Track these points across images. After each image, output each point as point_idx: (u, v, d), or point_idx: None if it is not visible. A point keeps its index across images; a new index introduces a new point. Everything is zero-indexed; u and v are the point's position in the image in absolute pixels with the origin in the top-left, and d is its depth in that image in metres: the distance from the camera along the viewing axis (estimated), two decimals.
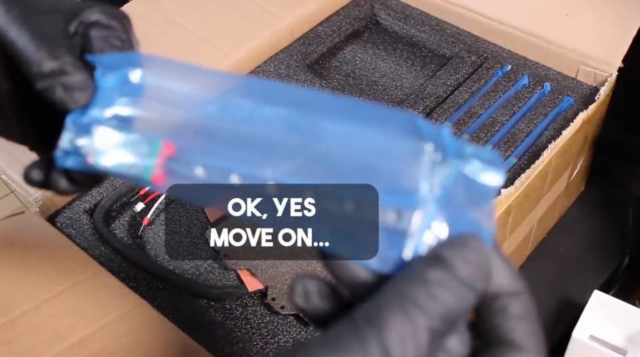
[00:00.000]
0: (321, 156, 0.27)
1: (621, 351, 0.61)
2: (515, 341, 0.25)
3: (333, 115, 0.27)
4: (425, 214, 0.26)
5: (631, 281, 0.73)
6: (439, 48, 0.81)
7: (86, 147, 0.31)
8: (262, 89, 0.29)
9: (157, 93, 0.31)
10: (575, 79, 0.74)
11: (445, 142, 0.27)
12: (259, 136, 0.28)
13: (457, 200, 0.26)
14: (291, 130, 0.28)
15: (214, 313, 0.57)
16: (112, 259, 0.60)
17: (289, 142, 0.28)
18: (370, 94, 0.78)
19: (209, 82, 0.30)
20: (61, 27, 0.35)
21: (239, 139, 0.28)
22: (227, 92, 0.29)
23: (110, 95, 0.32)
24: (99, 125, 0.31)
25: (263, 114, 0.28)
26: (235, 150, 0.28)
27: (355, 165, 0.27)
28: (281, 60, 0.78)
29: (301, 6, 0.82)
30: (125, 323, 0.52)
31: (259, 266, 0.59)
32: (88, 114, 0.32)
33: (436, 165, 0.27)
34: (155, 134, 0.29)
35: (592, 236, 0.76)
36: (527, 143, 0.68)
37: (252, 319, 0.57)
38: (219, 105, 0.29)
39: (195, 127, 0.29)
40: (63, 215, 0.64)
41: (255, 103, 0.28)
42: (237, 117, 0.28)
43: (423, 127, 0.27)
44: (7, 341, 0.50)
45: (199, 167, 0.28)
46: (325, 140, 0.27)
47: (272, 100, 0.28)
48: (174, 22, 0.80)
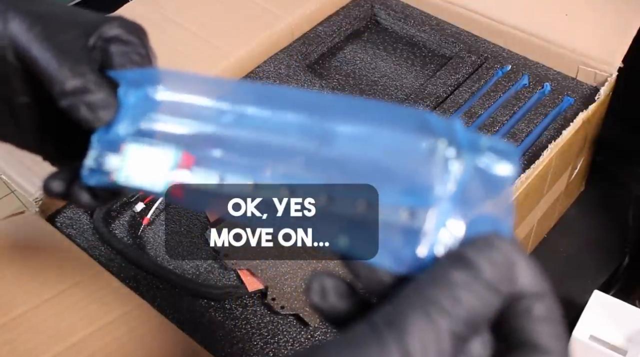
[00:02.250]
0: (335, 159, 0.27)
1: (621, 351, 0.61)
2: (540, 343, 0.24)
3: (344, 117, 0.27)
4: (440, 211, 0.26)
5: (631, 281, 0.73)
6: (439, 48, 0.81)
7: (110, 164, 0.31)
8: (274, 96, 0.29)
9: (175, 107, 0.31)
10: (575, 79, 0.74)
11: (458, 136, 0.26)
12: (275, 144, 0.28)
13: (473, 195, 0.26)
14: (305, 136, 0.28)
15: (214, 313, 0.57)
16: (112, 259, 0.60)
17: (303, 147, 0.28)
18: (370, 94, 0.77)
19: (223, 92, 0.30)
20: (82, 43, 0.35)
21: (255, 147, 0.28)
22: (240, 100, 0.29)
23: (133, 112, 0.32)
24: (122, 142, 0.31)
25: (277, 121, 0.28)
26: (252, 160, 0.28)
27: (369, 166, 0.27)
28: (281, 60, 0.78)
29: (301, 6, 0.82)
30: (125, 323, 0.52)
31: (259, 266, 0.59)
32: (112, 131, 0.32)
33: (450, 160, 0.26)
34: (176, 147, 0.29)
35: (592, 236, 0.76)
36: (527, 143, 0.68)
37: (252, 319, 0.57)
38: (234, 115, 0.29)
39: (212, 138, 0.29)
40: (63, 215, 0.64)
41: (269, 111, 0.29)
42: (252, 126, 0.29)
43: (434, 123, 0.26)
44: (8, 340, 0.50)
45: (217, 178, 0.28)
46: (338, 143, 0.27)
47: (285, 106, 0.28)
48: (174, 22, 0.80)
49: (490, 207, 0.26)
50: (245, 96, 0.29)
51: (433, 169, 0.26)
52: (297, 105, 0.28)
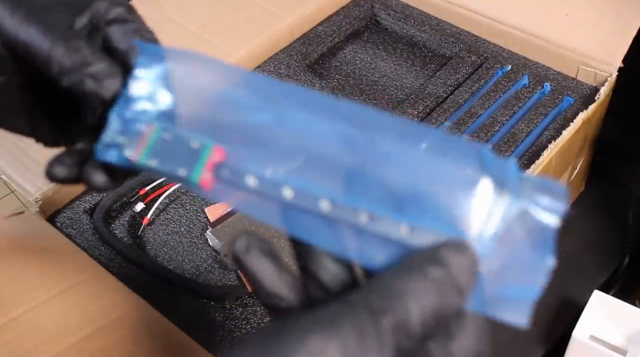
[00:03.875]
0: (377, 177, 0.26)
1: (621, 351, 0.61)
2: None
3: (392, 136, 0.27)
4: (478, 246, 0.25)
5: (631, 281, 0.73)
6: (439, 48, 0.81)
7: (131, 143, 0.29)
8: (318, 102, 0.28)
9: (201, 92, 0.30)
10: (575, 79, 0.74)
11: (509, 176, 0.26)
12: (315, 150, 0.27)
13: (514, 235, 0.26)
14: (348, 148, 0.27)
15: (214, 313, 0.57)
16: (112, 259, 0.60)
17: (345, 159, 0.27)
18: (370, 94, 0.78)
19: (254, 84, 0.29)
20: (70, 21, 0.35)
21: (293, 151, 0.27)
22: (280, 100, 0.28)
23: (153, 88, 0.30)
24: (145, 121, 0.30)
25: (319, 127, 0.27)
26: (288, 162, 0.27)
27: (412, 189, 0.26)
28: (281, 60, 0.78)
29: (301, 6, 0.82)
30: (125, 323, 0.52)
31: None
32: (133, 108, 0.30)
33: (496, 198, 0.26)
34: (206, 136, 0.28)
35: (592, 236, 0.76)
36: (527, 143, 0.68)
37: (252, 319, 0.57)
38: (273, 114, 0.28)
39: (247, 135, 0.28)
40: (63, 215, 0.64)
41: (311, 116, 0.27)
42: (293, 128, 0.28)
43: (488, 159, 0.26)
44: (7, 340, 0.50)
45: (251, 177, 0.27)
46: (382, 161, 0.26)
47: (329, 114, 0.27)
48: (174, 22, 0.80)
49: (530, 250, 0.26)
50: (287, 96, 0.28)
51: (477, 202, 0.26)
52: (343, 114, 0.27)
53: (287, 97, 0.28)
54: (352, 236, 0.26)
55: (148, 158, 0.29)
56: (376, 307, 0.23)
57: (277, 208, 0.27)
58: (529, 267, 0.26)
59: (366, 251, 0.25)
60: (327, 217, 0.26)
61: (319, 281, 0.26)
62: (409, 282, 0.24)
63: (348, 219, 0.26)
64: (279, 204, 0.26)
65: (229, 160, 0.27)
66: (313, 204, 0.26)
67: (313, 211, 0.26)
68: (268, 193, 0.26)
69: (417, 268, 0.24)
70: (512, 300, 0.26)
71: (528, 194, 0.26)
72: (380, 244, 0.25)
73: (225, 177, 0.27)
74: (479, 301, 0.25)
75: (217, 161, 0.27)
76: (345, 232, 0.26)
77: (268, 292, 0.27)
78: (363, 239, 0.26)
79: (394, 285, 0.24)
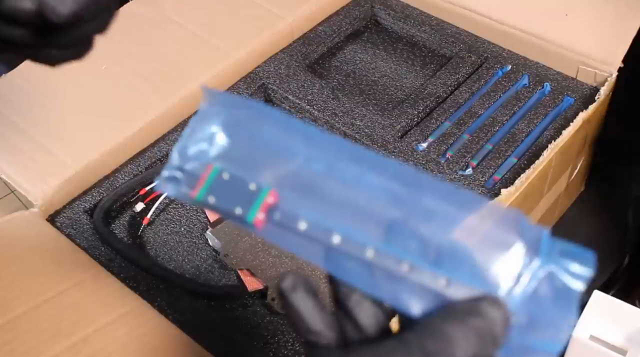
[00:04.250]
0: (419, 231, 0.29)
1: (621, 351, 0.61)
2: None
3: (435, 195, 0.29)
4: (508, 302, 0.28)
5: (631, 281, 0.73)
6: (439, 48, 0.81)
7: (190, 180, 0.31)
8: (368, 159, 0.30)
9: (259, 138, 0.32)
10: (575, 79, 0.74)
11: (541, 242, 0.28)
12: (363, 202, 0.30)
13: (542, 295, 0.28)
14: (394, 203, 0.29)
15: (214, 313, 0.57)
16: (112, 259, 0.60)
17: (390, 213, 0.29)
18: (370, 94, 0.78)
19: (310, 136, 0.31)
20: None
21: (342, 201, 0.30)
22: (333, 153, 0.30)
23: (214, 130, 0.32)
24: (206, 161, 0.32)
25: (368, 181, 0.30)
26: (338, 211, 0.29)
27: (451, 246, 0.28)
28: (281, 60, 0.78)
29: (301, 6, 0.82)
30: (125, 323, 0.52)
31: (259, 266, 0.59)
32: (193, 147, 0.32)
33: (527, 261, 0.28)
34: (263, 181, 0.30)
35: (592, 236, 0.76)
36: (527, 143, 0.68)
37: (252, 319, 0.57)
38: (325, 165, 0.30)
39: (301, 182, 0.30)
40: (63, 215, 0.64)
41: (360, 170, 0.30)
42: (343, 180, 0.30)
43: (524, 225, 0.28)
44: (8, 340, 0.50)
45: (302, 221, 0.29)
46: (424, 216, 0.29)
47: (377, 170, 0.30)
48: (174, 22, 0.80)
49: (555, 310, 0.28)
50: (340, 151, 0.30)
51: (509, 264, 0.28)
52: (389, 172, 0.30)
53: (340, 151, 0.30)
54: (390, 283, 0.28)
55: (206, 195, 0.31)
56: (429, 349, 0.26)
57: (323, 251, 0.29)
58: (554, 324, 0.28)
59: (402, 297, 0.28)
60: (370, 264, 0.28)
61: (355, 320, 0.29)
62: (455, 329, 0.27)
63: (390, 268, 0.28)
64: (325, 248, 0.29)
65: (282, 204, 0.30)
66: (359, 251, 0.29)
67: (358, 257, 0.29)
68: (317, 237, 0.29)
69: (460, 317, 0.27)
70: (536, 352, 0.28)
71: (557, 259, 0.29)
72: (417, 293, 0.28)
73: (276, 219, 0.30)
74: (508, 350, 0.28)
75: (271, 204, 0.30)
76: (384, 278, 0.28)
77: (309, 329, 0.29)
78: (400, 287, 0.28)
79: (443, 330, 0.27)
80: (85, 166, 0.66)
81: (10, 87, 0.73)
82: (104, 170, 0.68)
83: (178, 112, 0.72)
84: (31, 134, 0.69)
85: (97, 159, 0.67)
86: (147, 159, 0.69)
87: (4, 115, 0.70)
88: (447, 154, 0.68)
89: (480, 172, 0.66)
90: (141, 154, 0.69)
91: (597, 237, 0.76)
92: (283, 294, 0.29)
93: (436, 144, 0.68)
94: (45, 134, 0.68)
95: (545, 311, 0.28)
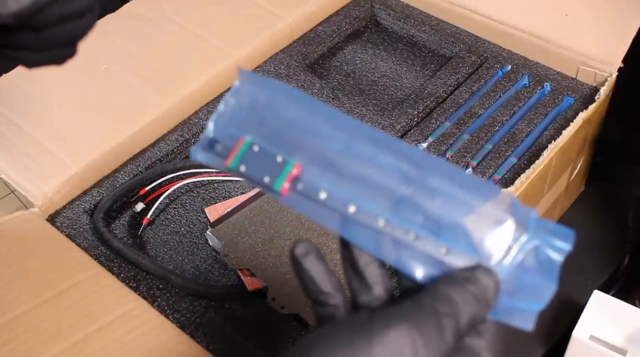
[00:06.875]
0: (424, 207, 0.33)
1: (621, 351, 0.61)
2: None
3: (441, 176, 0.33)
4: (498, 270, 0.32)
5: (631, 281, 0.73)
6: (439, 48, 0.81)
7: (224, 150, 0.35)
8: (383, 141, 0.34)
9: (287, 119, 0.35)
10: (575, 79, 0.74)
11: (529, 220, 0.33)
12: (377, 179, 0.33)
13: (528, 265, 0.33)
14: (404, 181, 0.33)
15: (214, 313, 0.57)
16: (112, 259, 0.60)
17: (400, 190, 0.33)
18: (370, 94, 0.78)
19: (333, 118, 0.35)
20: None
21: (358, 176, 0.34)
22: (352, 135, 0.34)
23: (248, 109, 0.36)
24: (239, 135, 0.35)
25: (382, 160, 0.34)
26: (354, 185, 0.33)
27: (451, 221, 0.32)
28: (281, 60, 0.78)
29: (301, 6, 0.82)
30: (125, 323, 0.52)
31: (259, 266, 0.59)
32: (230, 120, 0.36)
33: (517, 236, 0.33)
34: (290, 155, 0.34)
35: (592, 236, 0.76)
36: (527, 143, 0.68)
37: (252, 319, 0.57)
38: (345, 144, 0.34)
39: (322, 158, 0.34)
40: (63, 215, 0.64)
41: (375, 150, 0.34)
42: (360, 158, 0.34)
43: (515, 205, 0.33)
44: (7, 340, 0.50)
45: (322, 192, 0.33)
46: (430, 194, 0.33)
47: (391, 151, 0.34)
48: (174, 22, 0.80)
49: (538, 276, 0.33)
50: (358, 132, 0.34)
51: (501, 238, 0.32)
52: (402, 154, 0.34)
53: (358, 132, 0.34)
54: (396, 249, 0.32)
55: (238, 164, 0.34)
56: (440, 311, 0.30)
57: (339, 218, 0.33)
58: (537, 290, 0.32)
59: (407, 262, 0.32)
60: (380, 232, 0.32)
61: (364, 278, 0.33)
62: (457, 294, 0.31)
63: (397, 236, 0.32)
64: (341, 216, 0.33)
65: (305, 176, 0.34)
66: (371, 220, 0.33)
67: (370, 226, 0.33)
68: (335, 206, 0.33)
69: (460, 283, 0.31)
70: (521, 310, 0.32)
71: (542, 235, 0.33)
72: (420, 259, 0.32)
73: (300, 188, 0.34)
74: (495, 312, 0.33)
75: (295, 175, 0.34)
76: (391, 245, 0.33)
77: (319, 290, 0.33)
78: (405, 253, 0.32)
79: (449, 294, 0.31)
80: (85, 166, 0.66)
81: (10, 87, 0.73)
82: (104, 170, 0.68)
83: (178, 112, 0.72)
84: (31, 134, 0.69)
85: (97, 159, 0.67)
86: (147, 159, 0.69)
87: (4, 115, 0.70)
88: (447, 154, 0.68)
89: (480, 172, 0.66)
90: (141, 154, 0.69)
91: (597, 237, 0.76)
92: (296, 259, 0.33)
93: (436, 144, 0.68)
94: (45, 134, 0.68)
95: (530, 279, 0.33)
